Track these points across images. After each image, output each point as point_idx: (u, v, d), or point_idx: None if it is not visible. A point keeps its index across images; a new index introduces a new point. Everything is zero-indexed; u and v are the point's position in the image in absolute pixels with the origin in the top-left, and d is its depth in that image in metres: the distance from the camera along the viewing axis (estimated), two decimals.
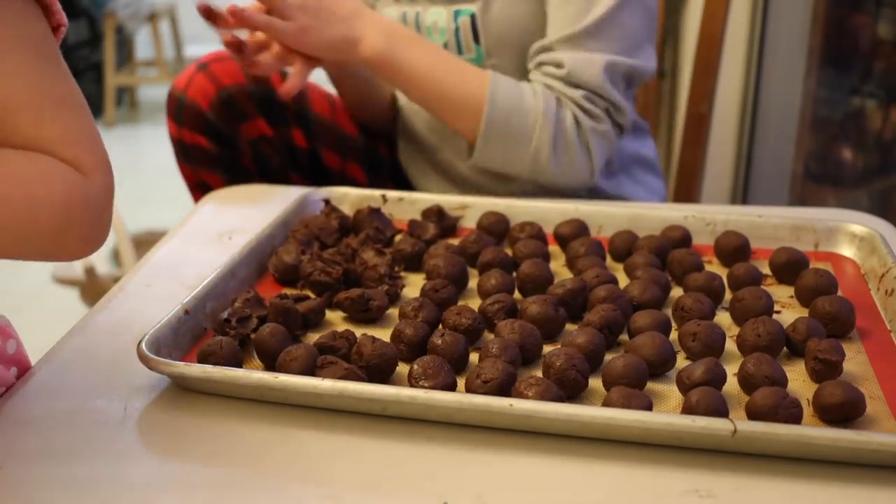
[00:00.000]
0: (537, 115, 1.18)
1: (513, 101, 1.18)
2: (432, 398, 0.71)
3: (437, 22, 1.29)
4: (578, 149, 1.20)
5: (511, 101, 1.18)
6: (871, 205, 2.20)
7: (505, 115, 1.18)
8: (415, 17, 1.31)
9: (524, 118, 1.18)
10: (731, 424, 0.68)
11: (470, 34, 1.27)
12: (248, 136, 1.38)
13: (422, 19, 1.30)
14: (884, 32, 2.16)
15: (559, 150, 1.20)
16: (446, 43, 1.29)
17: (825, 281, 0.92)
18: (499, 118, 1.18)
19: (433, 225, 1.07)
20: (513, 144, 1.19)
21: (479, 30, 1.27)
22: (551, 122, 1.18)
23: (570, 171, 1.22)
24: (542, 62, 1.23)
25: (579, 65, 1.19)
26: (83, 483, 0.67)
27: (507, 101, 1.18)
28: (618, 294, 0.88)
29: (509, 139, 1.19)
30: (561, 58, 1.20)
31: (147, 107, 5.38)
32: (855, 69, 2.24)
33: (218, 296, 0.88)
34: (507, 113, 1.18)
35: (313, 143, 1.43)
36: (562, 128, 1.19)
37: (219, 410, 0.75)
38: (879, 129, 2.25)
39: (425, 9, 1.30)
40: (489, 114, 1.18)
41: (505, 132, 1.18)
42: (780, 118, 2.11)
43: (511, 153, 1.20)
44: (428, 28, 1.30)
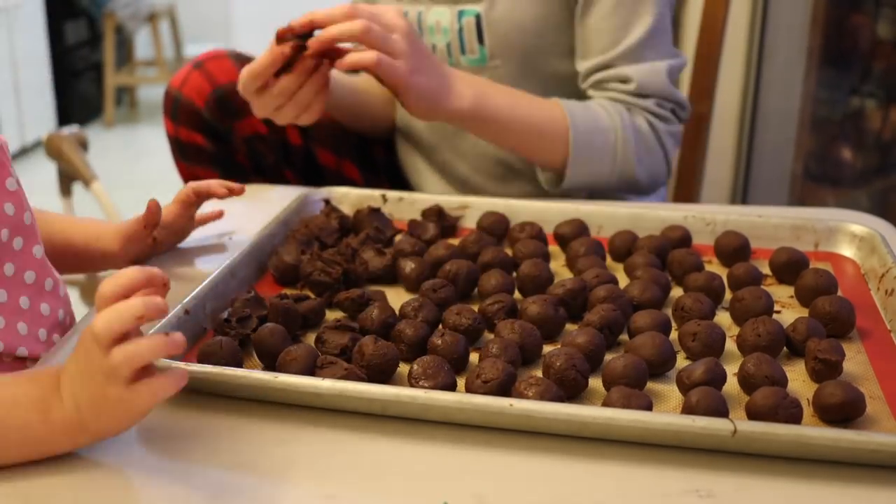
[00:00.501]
0: (616, 131, 1.21)
1: (590, 123, 1.21)
2: (432, 398, 0.71)
3: (440, 22, 1.29)
4: (657, 150, 1.25)
5: (589, 123, 1.20)
6: (871, 205, 2.20)
7: (588, 137, 1.20)
8: (416, 16, 1.31)
9: (606, 136, 1.21)
10: (731, 424, 0.68)
11: (474, 34, 1.27)
12: (242, 134, 1.38)
13: (424, 19, 1.30)
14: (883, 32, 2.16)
15: (642, 157, 1.23)
16: (449, 43, 1.29)
17: (825, 281, 0.92)
18: (583, 140, 1.20)
19: (433, 225, 1.07)
20: (598, 163, 1.21)
21: (484, 30, 1.27)
22: (630, 134, 1.22)
23: (652, 172, 1.25)
24: (603, 80, 1.25)
25: (645, 76, 1.23)
26: (83, 483, 0.67)
27: (586, 123, 1.20)
28: (618, 294, 0.88)
29: (595, 158, 1.21)
30: (627, 73, 1.23)
31: (147, 107, 5.38)
32: (854, 69, 2.25)
33: (218, 296, 0.88)
34: (590, 134, 1.20)
35: (308, 142, 1.43)
36: (641, 137, 1.23)
37: (219, 410, 0.75)
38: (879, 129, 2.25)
39: (427, 8, 1.30)
40: (575, 138, 1.19)
41: (589, 154, 1.21)
42: (780, 118, 2.11)
43: (597, 170, 1.22)
44: (430, 28, 1.30)
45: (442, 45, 1.29)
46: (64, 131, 2.18)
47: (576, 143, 1.19)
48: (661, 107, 1.25)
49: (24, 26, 4.44)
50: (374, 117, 1.43)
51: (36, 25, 4.58)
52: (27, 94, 4.47)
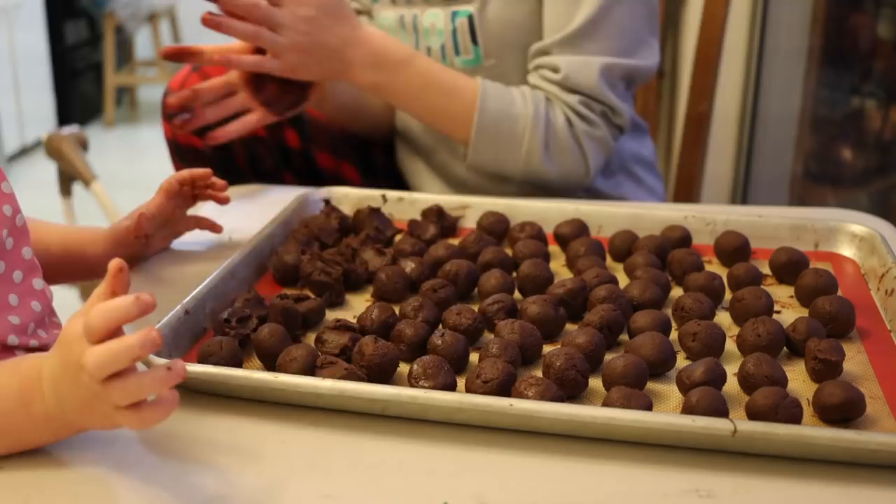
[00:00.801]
0: (527, 120, 1.20)
1: (502, 108, 1.20)
2: (432, 398, 0.71)
3: (435, 24, 1.29)
4: (572, 149, 1.21)
5: (501, 108, 1.20)
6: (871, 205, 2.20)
7: (494, 122, 1.20)
8: (412, 19, 1.31)
9: (514, 124, 1.20)
10: (731, 424, 0.68)
11: (468, 35, 1.27)
12: (241, 138, 1.38)
13: (419, 21, 1.30)
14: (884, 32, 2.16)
15: (551, 152, 1.21)
16: (444, 44, 1.29)
17: (825, 281, 0.92)
18: (488, 125, 1.20)
19: (433, 225, 1.07)
20: (503, 149, 1.21)
21: (477, 30, 1.27)
22: (541, 125, 1.20)
23: (564, 171, 1.23)
24: (539, 65, 1.23)
25: (575, 69, 1.20)
26: (83, 483, 0.67)
27: (497, 108, 1.20)
28: (618, 294, 0.88)
29: (499, 145, 1.21)
30: (557, 62, 1.20)
31: (147, 107, 5.38)
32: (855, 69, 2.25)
33: (218, 296, 0.88)
34: (497, 120, 1.20)
35: (306, 144, 1.43)
36: (552, 130, 1.20)
37: (219, 410, 0.75)
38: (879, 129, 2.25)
39: (423, 11, 1.30)
40: (478, 122, 1.19)
41: (494, 138, 1.20)
42: (780, 118, 2.11)
43: (503, 157, 1.22)
44: (426, 30, 1.30)
45: (437, 46, 1.29)
46: (64, 131, 2.18)
47: (479, 127, 1.19)
48: (587, 107, 1.21)
49: (24, 26, 4.43)
50: (374, 120, 1.43)
51: (36, 25, 4.58)
52: (27, 94, 4.47)
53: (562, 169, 1.22)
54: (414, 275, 0.95)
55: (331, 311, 0.91)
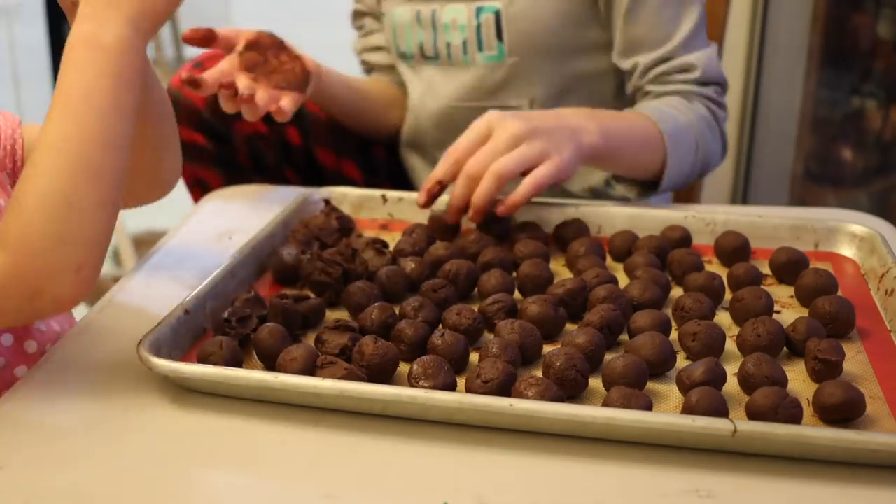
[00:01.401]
0: (694, 126, 1.21)
1: (672, 122, 1.19)
2: (432, 398, 0.71)
3: (457, 19, 1.29)
4: (719, 137, 1.26)
5: (671, 122, 1.19)
6: (871, 205, 2.20)
7: (677, 136, 1.19)
8: (430, 14, 1.31)
9: (688, 133, 1.20)
10: (731, 424, 0.68)
11: (493, 31, 1.27)
12: (242, 133, 1.38)
13: (438, 17, 1.30)
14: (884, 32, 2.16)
15: (710, 146, 1.24)
16: (466, 39, 1.29)
17: (825, 281, 0.92)
18: (675, 141, 1.18)
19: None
20: (687, 160, 1.21)
21: (503, 26, 1.27)
22: (704, 126, 1.23)
23: (713, 159, 1.26)
24: (665, 72, 1.25)
25: (707, 64, 1.24)
26: (83, 483, 0.67)
27: (672, 123, 1.19)
28: (618, 294, 0.88)
29: (684, 157, 1.20)
30: (690, 61, 1.24)
31: None
32: (855, 69, 2.25)
33: (218, 296, 0.88)
34: (679, 134, 1.19)
35: (307, 141, 1.43)
36: (709, 126, 1.24)
37: (219, 410, 0.75)
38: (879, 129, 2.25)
39: (442, 6, 1.30)
40: (671, 142, 1.18)
41: (682, 152, 1.20)
42: (780, 118, 2.11)
43: (687, 169, 1.22)
44: (445, 25, 1.30)
45: (458, 42, 1.29)
46: None
47: (671, 145, 1.18)
48: (719, 94, 1.26)
49: (24, 25, 4.43)
50: (377, 119, 1.43)
51: (36, 25, 4.57)
52: (27, 94, 4.46)
53: (714, 157, 1.26)
54: (414, 275, 0.95)
55: (331, 311, 0.91)
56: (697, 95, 1.24)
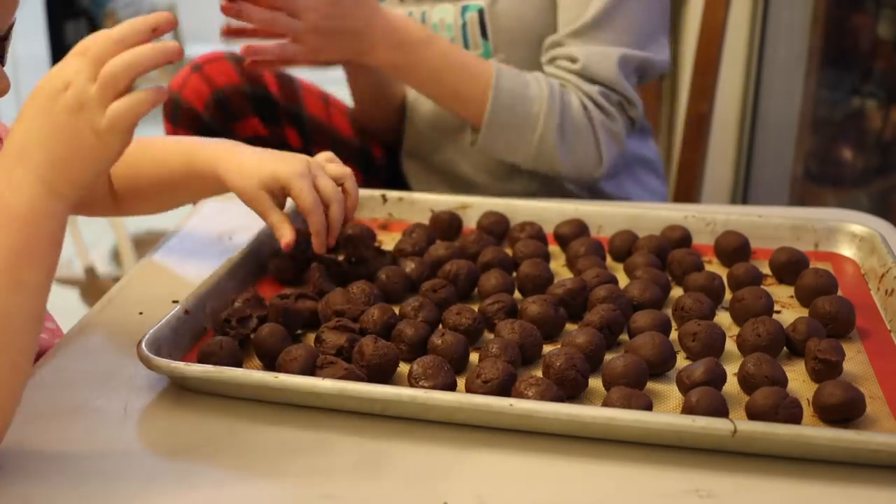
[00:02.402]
0: (542, 102, 1.18)
1: (517, 90, 1.18)
2: (432, 398, 0.71)
3: (444, 19, 1.29)
4: (587, 135, 1.20)
5: (515, 89, 1.18)
6: (872, 205, 2.20)
7: (509, 103, 1.18)
8: (421, 15, 1.31)
9: (529, 106, 1.18)
10: (731, 424, 0.68)
11: (478, 29, 1.27)
12: (241, 136, 1.38)
13: (428, 17, 1.30)
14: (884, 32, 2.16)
15: (566, 137, 1.20)
16: (453, 39, 1.29)
17: (825, 281, 0.92)
18: (503, 105, 1.18)
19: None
20: (517, 131, 1.19)
21: (487, 24, 1.27)
22: (557, 109, 1.18)
23: (576, 160, 1.21)
24: (555, 57, 1.23)
25: (594, 59, 1.20)
26: (83, 483, 0.67)
27: (512, 89, 1.18)
28: (618, 294, 0.88)
29: (513, 126, 1.19)
30: (574, 52, 1.20)
31: None
32: (855, 69, 2.25)
33: (218, 296, 0.88)
34: (512, 100, 1.18)
35: (307, 144, 1.43)
36: (568, 114, 1.19)
37: (219, 410, 0.75)
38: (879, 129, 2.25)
39: (432, 6, 1.30)
40: (493, 101, 1.18)
41: (509, 119, 1.18)
42: (780, 118, 2.11)
43: (516, 139, 1.20)
44: (434, 25, 1.30)
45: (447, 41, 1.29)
46: None
47: (493, 106, 1.17)
48: (606, 98, 1.21)
49: (24, 26, 4.42)
50: (392, 110, 1.43)
51: (36, 25, 4.58)
52: (27, 94, 4.46)
53: (575, 157, 1.21)
54: (414, 275, 0.95)
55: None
56: (578, 89, 1.20)
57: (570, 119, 1.19)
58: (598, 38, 1.20)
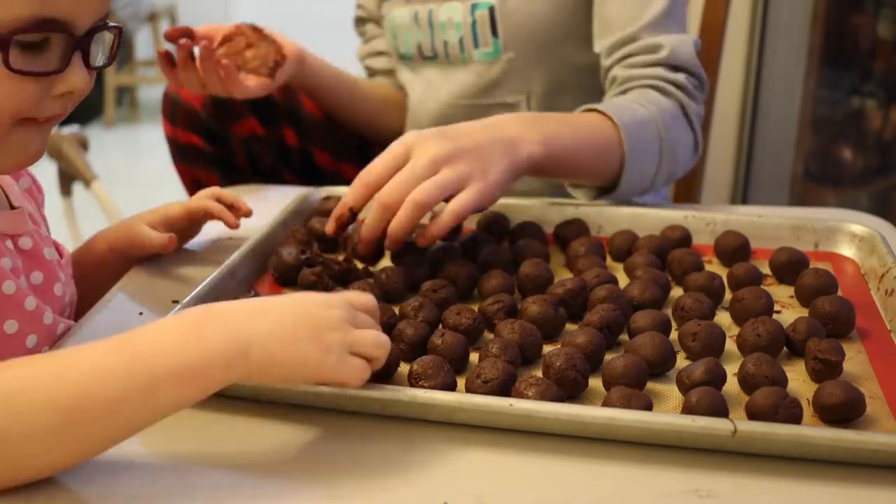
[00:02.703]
0: (657, 121, 1.13)
1: (633, 118, 1.11)
2: (432, 398, 0.71)
3: (452, 17, 1.29)
4: (688, 134, 1.18)
5: (632, 118, 1.11)
6: (871, 205, 2.20)
7: (638, 134, 1.11)
8: (427, 14, 1.31)
9: (648, 128, 1.12)
10: (731, 424, 0.68)
11: (488, 27, 1.27)
12: (239, 135, 1.39)
13: (435, 16, 1.30)
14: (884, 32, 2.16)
15: (676, 138, 1.15)
16: (462, 37, 1.29)
17: (825, 281, 0.92)
18: (635, 139, 1.11)
19: None
20: (649, 157, 1.13)
21: (498, 22, 1.27)
22: (667, 117, 1.14)
23: (684, 153, 1.17)
24: (631, 53, 1.20)
25: (676, 46, 1.19)
26: (83, 482, 0.67)
27: (630, 120, 1.11)
28: (618, 294, 0.88)
29: (645, 153, 1.12)
30: (657, 41, 1.19)
31: (147, 107, 5.38)
32: (855, 69, 2.25)
33: (218, 296, 0.88)
34: (638, 131, 1.11)
35: (305, 143, 1.43)
36: (675, 117, 1.16)
37: (219, 410, 0.75)
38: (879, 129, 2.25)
39: (439, 5, 1.30)
40: (628, 141, 1.10)
41: (642, 149, 1.12)
42: (781, 118, 2.11)
43: (648, 166, 1.13)
44: (442, 24, 1.30)
45: (454, 40, 1.29)
46: (64, 131, 2.18)
47: (630, 145, 1.10)
48: (690, 83, 1.19)
49: None
50: (372, 117, 1.43)
51: None
52: None
53: (684, 151, 1.17)
54: (414, 275, 0.95)
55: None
56: (664, 81, 1.17)
57: (672, 118, 1.15)
58: (672, 27, 1.20)
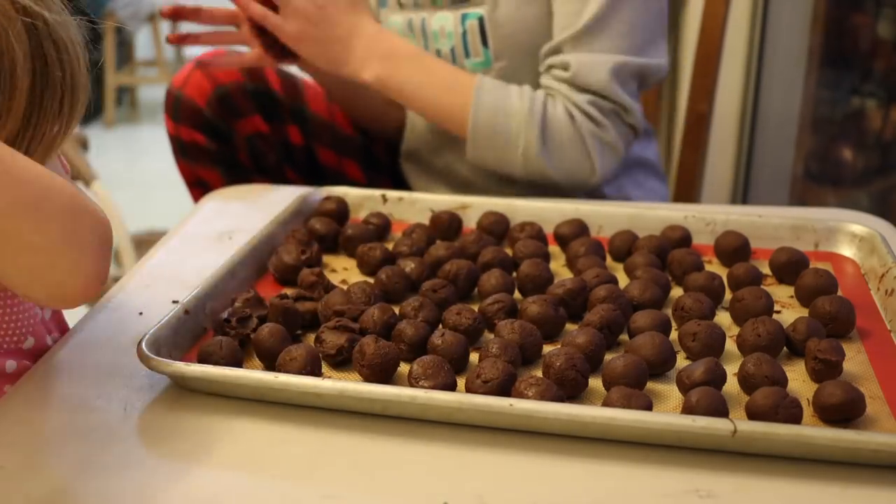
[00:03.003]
0: (522, 115, 1.19)
1: (498, 103, 1.19)
2: (432, 398, 0.71)
3: (444, 27, 1.29)
4: (573, 145, 1.19)
5: (496, 103, 1.19)
6: (872, 205, 2.20)
7: (490, 117, 1.20)
8: (420, 23, 1.31)
9: (508, 119, 1.19)
10: (731, 424, 0.68)
11: (478, 37, 1.27)
12: (243, 133, 1.39)
13: (428, 25, 1.30)
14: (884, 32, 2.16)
15: (549, 147, 1.19)
16: (453, 47, 1.29)
17: (825, 281, 0.92)
18: (483, 120, 1.20)
19: None
20: (501, 145, 1.20)
21: (488, 32, 1.26)
22: (537, 120, 1.18)
23: (566, 168, 1.21)
24: (550, 65, 1.23)
25: (585, 67, 1.18)
26: (83, 483, 0.67)
27: (492, 103, 1.20)
28: (618, 294, 0.88)
29: (496, 140, 1.20)
30: (567, 60, 1.20)
31: (147, 107, 5.38)
32: (855, 69, 2.25)
33: (218, 296, 0.88)
34: (492, 115, 1.19)
35: (309, 141, 1.43)
36: (549, 124, 1.19)
37: (219, 410, 0.75)
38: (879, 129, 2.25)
39: (431, 14, 1.30)
40: (473, 116, 1.20)
41: (491, 134, 1.20)
42: (780, 118, 2.11)
43: (501, 153, 1.21)
44: (435, 33, 1.29)
45: (446, 49, 1.29)
46: None
47: (474, 123, 1.19)
48: (595, 106, 1.19)
49: None
50: (373, 107, 1.43)
51: None
52: None
53: (563, 165, 1.20)
54: (414, 275, 0.95)
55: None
56: (566, 99, 1.19)
57: (552, 130, 1.19)
58: (593, 45, 1.19)
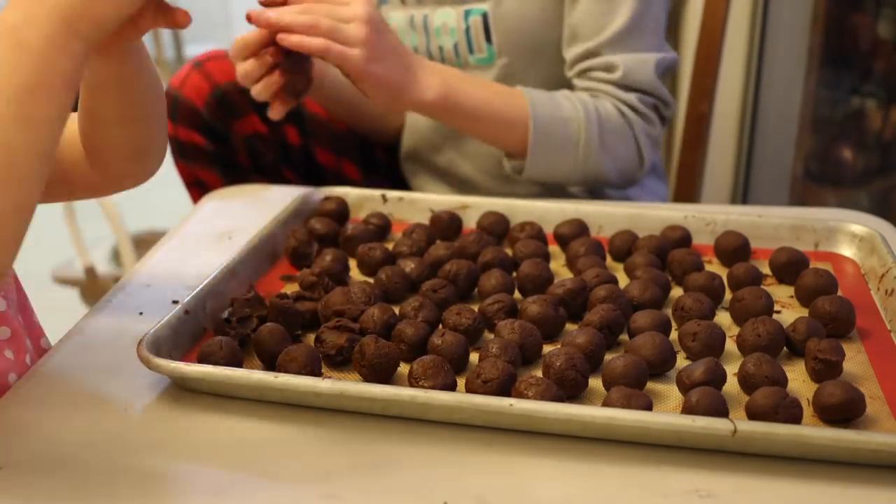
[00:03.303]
0: (579, 121, 1.18)
1: (553, 112, 1.18)
2: (432, 398, 0.71)
3: (447, 23, 1.29)
4: (626, 139, 1.21)
5: (551, 112, 1.18)
6: (872, 205, 2.20)
7: (549, 126, 1.17)
8: (423, 19, 1.31)
9: (567, 127, 1.18)
10: (731, 424, 0.68)
11: (482, 33, 1.27)
12: (241, 134, 1.39)
13: (430, 21, 1.30)
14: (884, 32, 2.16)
15: (607, 147, 1.20)
16: (456, 43, 1.29)
17: (825, 281, 0.92)
18: (544, 132, 1.17)
19: None
20: (561, 152, 1.19)
21: (492, 28, 1.26)
22: (594, 121, 1.19)
23: (620, 165, 1.22)
24: (589, 68, 1.22)
25: (633, 67, 1.20)
26: (84, 482, 0.67)
27: (548, 113, 1.18)
28: (618, 294, 0.88)
29: (556, 148, 1.19)
30: (613, 61, 1.20)
31: None
32: (855, 69, 2.24)
33: (218, 296, 0.88)
34: (551, 126, 1.18)
35: (307, 141, 1.43)
36: (607, 125, 1.19)
37: (219, 410, 0.75)
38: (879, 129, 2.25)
39: (433, 10, 1.30)
40: (535, 131, 1.17)
41: (552, 143, 1.18)
42: (780, 118, 2.11)
43: (560, 161, 1.19)
44: (437, 29, 1.30)
45: (449, 45, 1.29)
46: None
47: (536, 132, 1.17)
48: (644, 103, 1.21)
49: None
50: (373, 122, 1.43)
51: None
52: None
53: (617, 164, 1.21)
54: (414, 275, 0.95)
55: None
56: (616, 99, 1.20)
57: (608, 130, 1.20)
58: (634, 44, 1.21)
